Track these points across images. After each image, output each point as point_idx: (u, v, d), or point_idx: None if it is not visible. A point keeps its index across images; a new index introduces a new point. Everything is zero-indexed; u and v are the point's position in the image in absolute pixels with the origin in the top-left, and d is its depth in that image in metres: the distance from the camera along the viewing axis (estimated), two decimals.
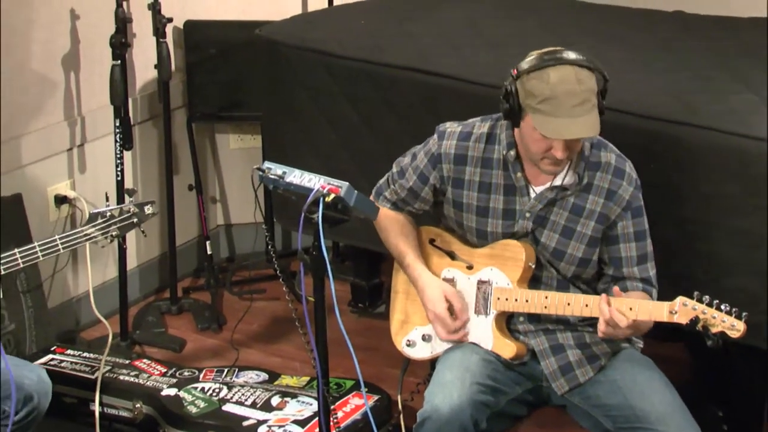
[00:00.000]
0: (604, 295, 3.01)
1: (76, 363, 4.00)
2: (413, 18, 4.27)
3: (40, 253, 3.04)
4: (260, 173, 2.90)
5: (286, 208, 4.09)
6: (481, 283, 3.20)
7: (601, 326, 3.01)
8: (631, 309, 2.98)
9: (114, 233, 3.13)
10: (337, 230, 2.88)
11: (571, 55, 2.98)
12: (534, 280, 3.18)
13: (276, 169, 2.88)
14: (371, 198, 3.33)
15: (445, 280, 3.24)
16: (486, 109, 3.24)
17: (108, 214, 3.13)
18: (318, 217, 2.77)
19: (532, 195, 3.16)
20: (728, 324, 2.87)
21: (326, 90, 4.00)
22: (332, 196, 2.78)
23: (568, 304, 3.07)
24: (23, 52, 4.18)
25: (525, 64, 2.99)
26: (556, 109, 2.94)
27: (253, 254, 5.00)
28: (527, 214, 3.16)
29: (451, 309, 3.19)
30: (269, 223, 4.74)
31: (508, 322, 3.22)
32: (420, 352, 3.31)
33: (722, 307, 2.88)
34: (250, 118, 4.70)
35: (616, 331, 2.99)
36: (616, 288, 3.03)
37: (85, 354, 4.07)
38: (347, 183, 2.81)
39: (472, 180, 3.20)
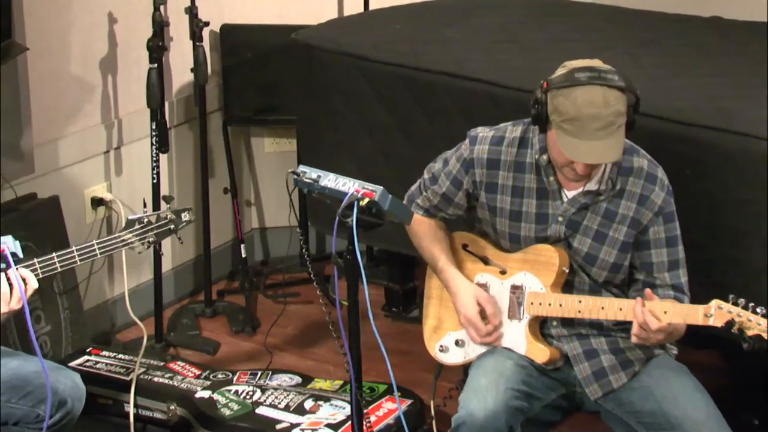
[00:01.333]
0: (639, 299, 3.00)
1: (111, 364, 4.02)
2: (449, 23, 4.27)
3: (77, 258, 3.06)
4: (295, 177, 2.90)
5: (321, 211, 4.10)
6: (514, 287, 3.19)
7: (635, 329, 3.00)
8: (665, 312, 2.97)
9: (151, 239, 3.15)
10: (372, 234, 2.89)
11: (604, 73, 2.95)
12: (566, 285, 3.17)
13: (311, 173, 2.88)
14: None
15: (479, 285, 3.24)
16: (520, 114, 3.24)
17: (145, 220, 3.14)
18: (352, 220, 2.78)
19: (565, 199, 3.15)
20: (764, 327, 2.86)
21: (361, 94, 4.01)
22: (366, 200, 2.79)
23: (602, 308, 3.07)
24: (61, 56, 4.22)
25: (556, 79, 2.98)
26: (578, 130, 2.93)
27: (287, 258, 5.01)
28: (560, 218, 3.15)
29: (483, 313, 3.19)
30: (304, 226, 4.75)
31: (541, 327, 3.21)
32: (453, 357, 3.30)
33: (758, 310, 2.87)
34: (286, 121, 4.71)
35: (649, 334, 2.98)
36: (648, 290, 3.02)
37: (120, 355, 4.09)
38: (381, 187, 2.81)
39: (505, 184, 3.19)
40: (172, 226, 3.17)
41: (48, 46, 4.14)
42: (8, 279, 2.82)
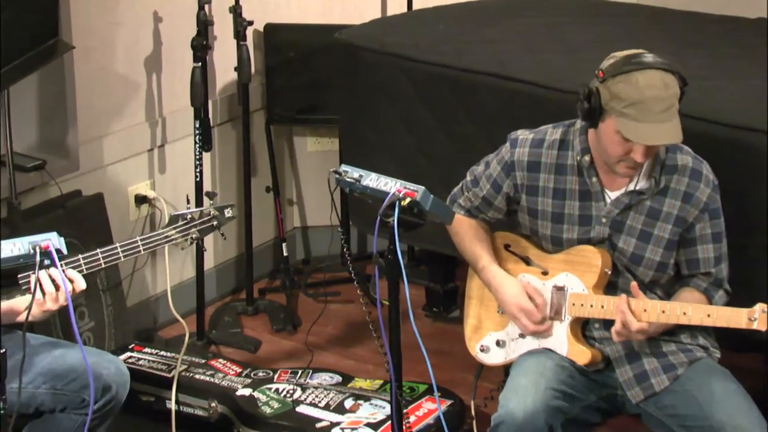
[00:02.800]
0: (623, 296, 3.02)
1: (154, 361, 4.04)
2: (492, 23, 4.26)
3: (121, 254, 3.08)
4: (337, 176, 2.91)
5: (362, 211, 4.10)
6: (556, 288, 3.19)
7: (617, 326, 3.01)
8: (709, 316, 2.96)
9: (194, 236, 3.16)
10: (413, 234, 2.89)
11: (656, 58, 2.97)
12: (611, 287, 3.16)
13: (353, 173, 2.89)
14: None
15: None
16: (563, 115, 3.23)
17: (188, 216, 3.15)
18: (393, 220, 2.78)
19: (608, 200, 3.14)
20: None
21: (404, 94, 4.01)
22: (408, 200, 2.79)
23: (645, 310, 3.05)
24: (107, 54, 4.25)
25: (611, 66, 2.98)
26: (642, 114, 2.92)
27: (328, 257, 5.02)
28: (603, 220, 3.14)
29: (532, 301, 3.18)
30: (345, 226, 4.76)
31: (583, 329, 3.20)
32: (494, 357, 3.30)
33: None
34: (328, 121, 4.72)
35: (630, 333, 3.00)
36: (634, 284, 3.03)
37: (162, 352, 4.11)
38: (423, 187, 2.81)
39: (547, 187, 3.19)
40: (215, 223, 3.18)
41: (94, 45, 4.17)
42: (50, 277, 2.84)
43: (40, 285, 2.83)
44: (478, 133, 3.82)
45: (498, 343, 3.28)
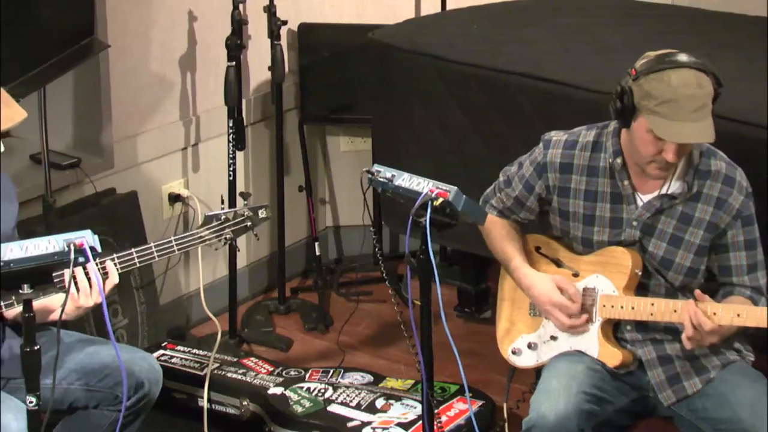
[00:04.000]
0: (691, 300, 2.99)
1: (186, 359, 4.06)
2: (526, 24, 4.26)
3: (156, 254, 3.10)
4: (369, 176, 2.91)
5: (395, 211, 4.10)
6: (586, 290, 3.18)
7: (688, 331, 2.98)
8: (739, 315, 2.94)
9: (227, 236, 3.17)
10: (445, 234, 2.88)
11: (690, 58, 2.95)
12: (641, 289, 3.15)
13: (385, 172, 2.89)
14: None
15: None
16: (597, 116, 3.22)
17: (222, 217, 3.17)
18: (426, 220, 2.78)
19: (639, 203, 3.13)
20: None
21: (437, 94, 4.01)
22: (440, 200, 2.79)
23: (675, 311, 3.04)
24: (142, 53, 4.27)
25: (644, 65, 2.97)
26: (675, 112, 2.91)
27: (360, 256, 5.03)
28: (634, 223, 3.13)
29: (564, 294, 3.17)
30: (377, 225, 4.76)
31: (615, 331, 3.19)
32: (525, 360, 3.29)
33: None
34: (361, 120, 4.72)
35: (703, 336, 2.97)
36: (698, 291, 3.00)
37: (195, 350, 4.13)
38: (456, 187, 2.81)
39: (578, 188, 3.18)
40: (248, 223, 3.19)
41: (129, 44, 4.19)
42: (86, 273, 2.86)
43: (75, 281, 2.85)
44: (511, 133, 3.82)
45: (530, 346, 3.27)
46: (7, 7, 3.41)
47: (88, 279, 2.88)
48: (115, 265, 3.03)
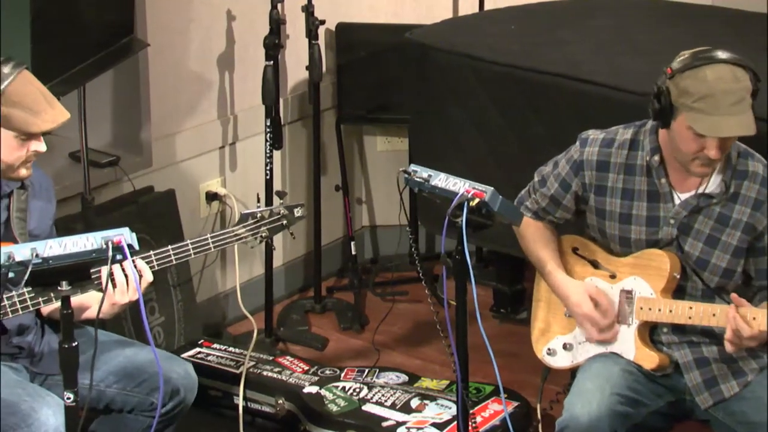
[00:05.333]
0: (732, 305, 2.96)
1: (222, 357, 4.08)
2: (563, 24, 4.24)
3: (192, 251, 3.11)
4: (406, 176, 2.92)
5: (431, 211, 4.10)
6: (624, 292, 3.16)
7: (728, 335, 2.95)
8: (754, 319, 2.92)
9: (263, 234, 3.18)
10: (481, 235, 2.88)
11: (726, 53, 2.95)
12: (678, 290, 3.13)
13: (422, 172, 2.89)
14: None
15: None
16: (634, 117, 3.21)
17: (258, 215, 3.18)
18: (462, 221, 2.78)
19: (677, 202, 3.11)
20: None
21: (474, 95, 4.00)
22: (477, 200, 2.78)
23: (713, 314, 3.02)
24: (181, 52, 4.29)
25: (679, 63, 2.96)
26: (712, 107, 2.90)
27: (396, 256, 5.03)
28: (671, 221, 3.11)
29: (598, 307, 3.16)
30: (413, 225, 4.76)
31: (651, 333, 3.18)
32: (560, 361, 3.29)
33: None
34: (398, 120, 4.72)
35: (742, 341, 2.94)
36: (734, 295, 2.97)
37: (231, 348, 4.14)
38: (492, 188, 2.81)
39: (615, 187, 3.17)
40: (284, 222, 3.20)
41: (168, 43, 4.22)
42: (123, 270, 2.88)
43: (111, 278, 2.87)
44: (547, 134, 3.81)
45: (565, 347, 3.27)
46: (48, 6, 3.43)
47: (125, 276, 2.90)
48: (151, 262, 3.05)
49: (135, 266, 2.92)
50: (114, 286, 2.89)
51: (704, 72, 2.92)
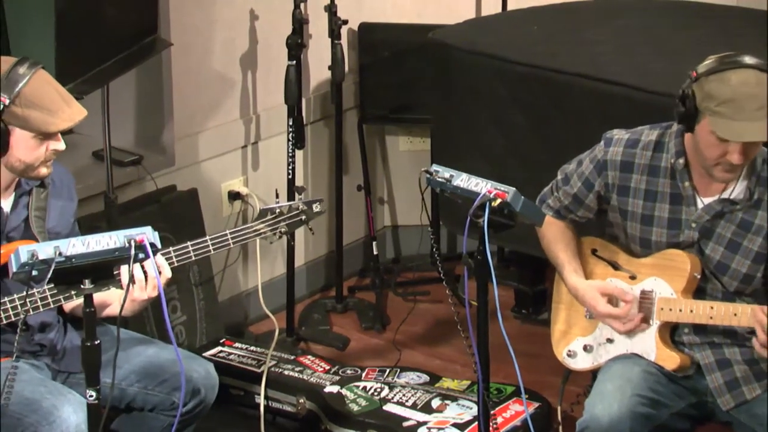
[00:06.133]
0: (765, 306, 2.94)
1: (244, 356, 4.09)
2: (587, 25, 4.23)
3: (211, 247, 3.12)
4: (428, 176, 2.91)
5: (453, 211, 4.10)
6: (644, 293, 3.15)
7: (760, 336, 2.93)
8: None
9: (282, 230, 3.19)
10: (503, 235, 2.88)
11: (752, 59, 2.93)
12: (699, 292, 3.12)
13: (444, 173, 2.89)
14: None
15: None
16: (658, 118, 3.20)
17: (277, 210, 3.18)
18: (484, 221, 2.78)
19: (699, 205, 3.10)
20: None
21: (497, 95, 4.00)
22: (498, 200, 2.78)
23: (735, 314, 3.01)
24: (204, 52, 4.30)
25: (704, 67, 2.95)
26: (736, 111, 2.89)
27: (418, 256, 5.03)
28: (693, 225, 3.10)
29: (613, 302, 3.15)
30: (435, 225, 4.76)
31: (672, 334, 3.17)
32: (581, 362, 3.28)
33: None
34: (421, 120, 4.73)
35: None
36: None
37: (252, 348, 4.15)
38: (514, 188, 2.80)
39: (638, 188, 3.16)
40: (303, 217, 3.21)
41: (191, 42, 4.23)
42: (143, 267, 2.89)
43: (131, 276, 2.88)
44: (569, 134, 3.80)
45: (585, 348, 3.26)
46: (72, 6, 3.45)
47: (144, 273, 2.90)
48: (171, 258, 3.06)
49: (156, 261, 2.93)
50: (133, 282, 2.90)
51: (729, 76, 2.91)
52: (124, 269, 2.73)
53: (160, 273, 2.94)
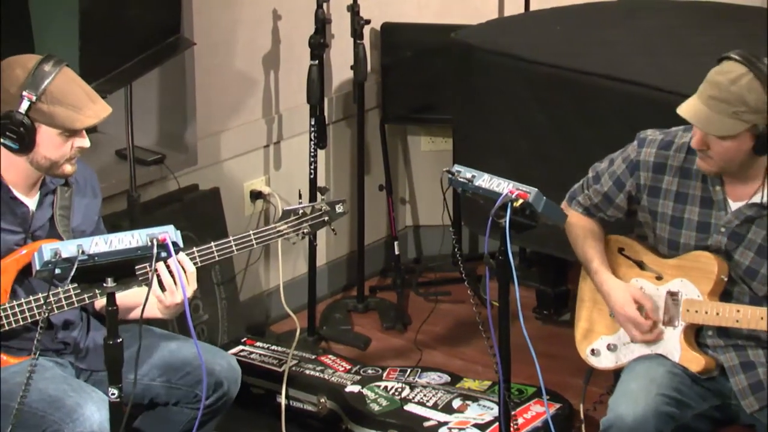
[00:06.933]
0: None
1: (265, 355, 4.10)
2: (610, 25, 4.23)
3: (234, 248, 3.13)
4: (450, 176, 2.91)
5: (474, 211, 4.09)
6: (670, 294, 3.14)
7: None
8: None
9: (305, 231, 3.19)
10: (525, 236, 2.88)
11: (750, 58, 2.93)
12: (725, 295, 3.11)
13: (465, 173, 2.89)
14: (564, 203, 3.31)
15: None
16: (680, 120, 3.18)
17: (300, 211, 3.19)
18: (505, 221, 2.77)
19: (730, 210, 3.08)
20: None
21: (519, 95, 4.00)
22: (520, 201, 2.78)
23: (762, 318, 2.99)
24: (227, 51, 4.31)
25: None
26: (698, 91, 2.96)
27: (439, 256, 5.03)
28: (722, 229, 3.09)
29: (640, 310, 3.14)
30: (457, 225, 4.75)
31: (696, 336, 3.16)
32: (604, 361, 3.27)
33: None
34: (443, 120, 4.72)
35: None
36: None
37: (274, 347, 4.16)
38: (536, 189, 2.80)
39: (669, 189, 3.15)
40: (326, 218, 3.21)
41: (214, 42, 4.24)
42: (169, 269, 2.90)
43: (160, 283, 2.89)
44: (592, 135, 3.79)
45: (609, 347, 3.25)
46: (96, 5, 3.46)
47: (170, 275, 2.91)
48: (194, 258, 3.06)
49: (179, 261, 2.94)
50: (163, 289, 2.91)
51: (722, 64, 2.95)
52: (152, 275, 2.74)
53: (184, 270, 2.95)
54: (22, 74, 2.92)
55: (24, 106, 2.91)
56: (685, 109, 2.98)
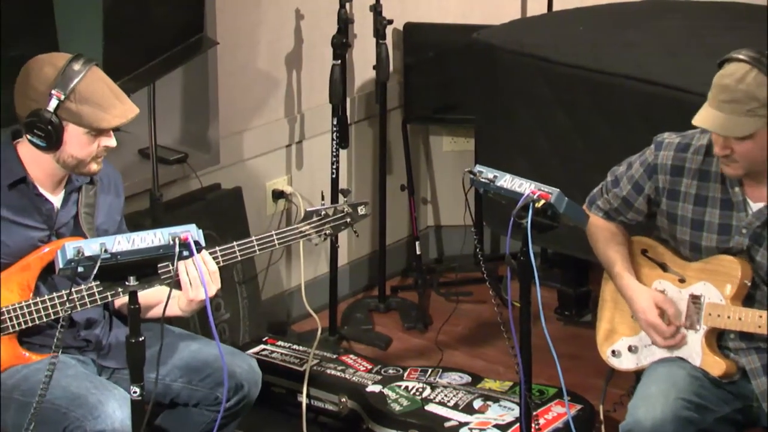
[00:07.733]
0: None
1: (286, 354, 4.10)
2: (632, 25, 4.21)
3: (257, 248, 3.13)
4: (471, 176, 2.91)
5: (496, 211, 4.09)
6: (693, 297, 3.13)
7: None
8: None
9: (327, 232, 3.19)
10: (546, 236, 2.87)
11: (750, 53, 2.93)
12: (748, 298, 3.09)
13: (487, 173, 2.89)
14: (584, 206, 3.30)
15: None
16: None
17: (323, 212, 3.19)
18: (527, 222, 2.77)
19: (750, 211, 3.07)
20: None
21: (541, 95, 3.99)
22: (542, 202, 2.77)
23: None
24: (249, 51, 4.32)
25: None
26: (709, 99, 2.94)
27: (461, 256, 5.03)
28: (743, 231, 3.08)
29: (663, 315, 3.13)
30: (478, 226, 4.75)
31: (718, 339, 3.14)
32: (625, 363, 3.26)
33: None
34: (465, 121, 4.72)
35: None
36: None
37: (295, 346, 4.17)
38: (558, 189, 2.79)
39: (688, 192, 3.13)
40: (348, 219, 3.21)
41: (237, 41, 4.25)
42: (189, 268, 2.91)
43: (186, 277, 2.90)
44: (614, 136, 3.79)
45: (630, 349, 3.24)
46: (120, 5, 3.48)
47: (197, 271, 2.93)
48: (217, 257, 3.07)
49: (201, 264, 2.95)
50: (190, 283, 2.93)
51: (726, 65, 2.95)
52: (180, 269, 2.75)
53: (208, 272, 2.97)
54: (52, 73, 2.94)
55: (52, 104, 2.94)
56: (699, 119, 2.96)
